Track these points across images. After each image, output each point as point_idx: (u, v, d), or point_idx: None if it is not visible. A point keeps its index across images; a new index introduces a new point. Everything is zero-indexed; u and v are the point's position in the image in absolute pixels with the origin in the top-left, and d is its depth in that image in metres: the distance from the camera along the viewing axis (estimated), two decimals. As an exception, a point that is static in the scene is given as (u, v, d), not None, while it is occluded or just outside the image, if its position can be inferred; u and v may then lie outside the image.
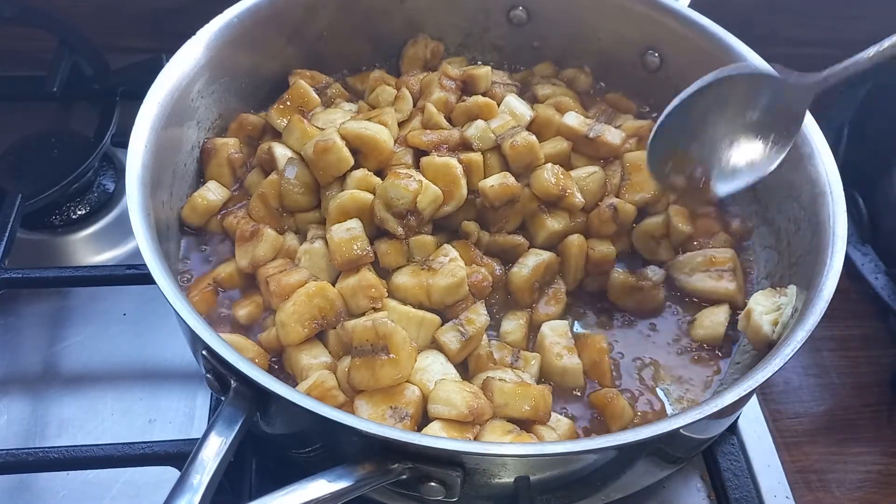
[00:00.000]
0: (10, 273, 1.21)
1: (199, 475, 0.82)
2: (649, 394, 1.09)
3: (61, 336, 1.28)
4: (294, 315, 1.02)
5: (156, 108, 1.11)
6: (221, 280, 1.12)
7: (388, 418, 0.96)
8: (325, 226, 1.10)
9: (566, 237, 1.16)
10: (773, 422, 1.28)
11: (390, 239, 1.10)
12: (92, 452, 1.04)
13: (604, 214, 1.17)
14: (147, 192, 1.04)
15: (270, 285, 1.05)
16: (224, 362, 0.88)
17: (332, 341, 1.04)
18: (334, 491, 0.83)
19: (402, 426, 0.95)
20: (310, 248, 1.09)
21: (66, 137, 1.46)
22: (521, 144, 1.15)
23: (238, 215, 1.16)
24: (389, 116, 1.20)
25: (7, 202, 1.29)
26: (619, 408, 1.03)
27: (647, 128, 1.29)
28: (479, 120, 1.19)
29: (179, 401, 1.22)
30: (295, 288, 1.04)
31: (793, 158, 1.16)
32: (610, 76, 1.39)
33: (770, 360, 0.94)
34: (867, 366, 1.40)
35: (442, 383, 0.98)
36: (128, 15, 1.62)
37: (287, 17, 1.29)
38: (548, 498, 0.99)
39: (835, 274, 1.01)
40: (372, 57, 1.39)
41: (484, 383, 1.01)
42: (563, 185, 1.15)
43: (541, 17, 1.39)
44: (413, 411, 0.97)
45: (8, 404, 1.20)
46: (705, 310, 1.15)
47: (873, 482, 1.27)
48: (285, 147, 1.18)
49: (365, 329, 0.97)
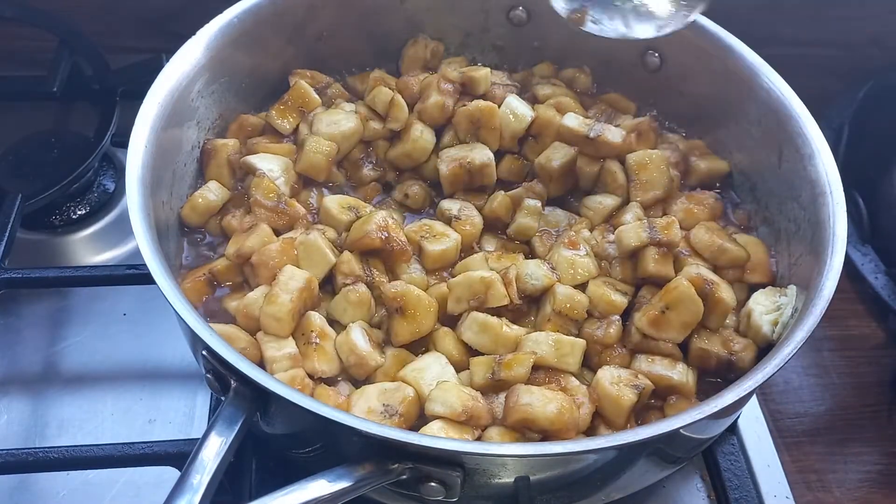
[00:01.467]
0: (10, 273, 1.21)
1: (199, 475, 0.82)
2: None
3: (61, 336, 1.28)
4: (290, 313, 1.02)
5: (156, 108, 1.11)
6: (217, 272, 1.12)
7: (378, 414, 0.96)
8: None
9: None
10: (773, 422, 1.28)
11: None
12: (92, 452, 1.04)
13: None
14: (147, 192, 1.04)
15: (253, 258, 1.06)
16: (224, 362, 0.88)
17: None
18: (334, 491, 0.83)
19: (390, 423, 0.95)
20: (305, 240, 1.09)
21: (66, 137, 1.46)
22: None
23: (237, 215, 1.16)
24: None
25: (7, 202, 1.29)
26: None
27: (645, 123, 1.29)
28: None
29: (179, 401, 1.22)
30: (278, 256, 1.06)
31: (793, 158, 1.17)
32: (610, 76, 1.39)
33: (770, 360, 0.94)
34: (867, 366, 1.40)
35: (442, 384, 0.98)
36: (128, 15, 1.62)
37: (287, 17, 1.29)
38: (548, 498, 0.99)
39: (835, 274, 1.01)
40: (372, 57, 1.39)
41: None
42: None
43: (541, 17, 1.38)
44: (404, 410, 0.97)
45: (8, 404, 1.20)
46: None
47: (873, 482, 1.27)
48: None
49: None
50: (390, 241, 1.10)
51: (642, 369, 1.05)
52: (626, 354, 1.08)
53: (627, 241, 1.12)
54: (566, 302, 1.08)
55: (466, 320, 1.06)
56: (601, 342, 1.07)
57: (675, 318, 1.05)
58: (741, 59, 1.24)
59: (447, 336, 1.07)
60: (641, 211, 1.20)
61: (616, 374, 1.02)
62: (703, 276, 1.08)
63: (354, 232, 1.12)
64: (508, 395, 0.99)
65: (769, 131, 1.21)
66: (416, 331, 1.06)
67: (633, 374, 1.03)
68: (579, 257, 1.13)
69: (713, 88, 1.29)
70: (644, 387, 1.01)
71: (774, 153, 1.20)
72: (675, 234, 1.12)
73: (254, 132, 1.27)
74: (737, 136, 1.28)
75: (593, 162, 1.25)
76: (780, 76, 1.22)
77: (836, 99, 1.61)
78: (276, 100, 1.27)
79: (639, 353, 1.07)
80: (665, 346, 1.07)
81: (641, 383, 1.01)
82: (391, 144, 1.28)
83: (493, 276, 1.07)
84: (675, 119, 1.36)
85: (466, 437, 0.95)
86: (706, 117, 1.32)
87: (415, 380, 1.00)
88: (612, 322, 1.08)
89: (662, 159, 1.23)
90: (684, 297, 1.05)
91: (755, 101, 1.23)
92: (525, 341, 1.04)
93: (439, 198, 1.25)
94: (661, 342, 1.07)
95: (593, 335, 1.07)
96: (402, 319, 1.05)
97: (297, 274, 1.04)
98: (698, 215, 1.21)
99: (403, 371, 1.02)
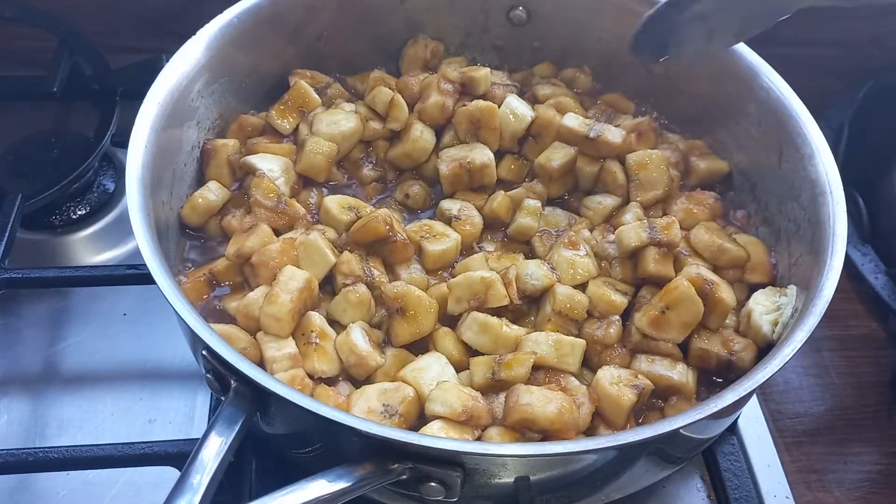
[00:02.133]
0: (10, 273, 1.21)
1: (199, 475, 0.82)
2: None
3: (61, 336, 1.28)
4: (290, 313, 1.02)
5: (156, 108, 1.11)
6: (217, 272, 1.12)
7: (378, 414, 0.96)
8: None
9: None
10: (773, 422, 1.28)
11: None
12: (92, 452, 1.04)
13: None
14: (147, 192, 1.04)
15: (253, 258, 1.07)
16: (224, 362, 0.88)
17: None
18: (334, 491, 0.83)
19: (390, 423, 0.95)
20: (305, 240, 1.09)
21: (66, 137, 1.46)
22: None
23: (237, 215, 1.16)
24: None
25: (7, 202, 1.29)
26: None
27: (645, 123, 1.29)
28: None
29: (179, 401, 1.22)
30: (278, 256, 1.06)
31: (793, 158, 1.17)
32: (610, 76, 1.39)
33: (770, 360, 0.94)
34: (867, 366, 1.40)
35: (442, 384, 0.98)
36: (128, 15, 1.62)
37: (287, 17, 1.29)
38: (548, 498, 0.99)
39: (835, 274, 1.01)
40: (372, 57, 1.39)
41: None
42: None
43: (541, 17, 1.39)
44: (404, 410, 0.97)
45: (8, 404, 1.20)
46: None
47: (873, 482, 1.27)
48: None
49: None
50: (393, 230, 1.11)
51: (642, 369, 1.05)
52: (626, 354, 1.08)
53: (627, 241, 1.12)
54: (566, 302, 1.08)
55: (466, 320, 1.06)
56: (601, 342, 1.07)
57: (676, 318, 1.05)
58: (741, 58, 1.24)
59: (447, 336, 1.07)
60: (641, 211, 1.20)
61: (616, 375, 1.02)
62: (703, 277, 1.08)
63: (358, 223, 1.12)
64: (508, 395, 0.99)
65: (769, 131, 1.21)
66: (416, 331, 1.06)
67: (633, 374, 1.03)
68: (579, 257, 1.13)
69: (713, 88, 1.29)
70: (644, 387, 1.01)
71: (774, 153, 1.20)
72: (676, 234, 1.12)
73: (254, 132, 1.27)
74: (737, 136, 1.28)
75: (593, 162, 1.25)
76: (780, 76, 1.22)
77: (836, 99, 1.61)
78: (275, 100, 1.27)
79: (639, 353, 1.07)
80: (665, 347, 1.07)
81: (641, 383, 1.01)
82: (391, 144, 1.28)
83: (494, 277, 1.07)
84: (675, 119, 1.36)
85: (466, 437, 0.95)
86: (706, 117, 1.31)
87: (414, 380, 1.00)
88: (613, 322, 1.08)
89: (662, 159, 1.23)
90: (684, 298, 1.05)
91: (755, 100, 1.23)
92: (525, 341, 1.04)
93: (439, 198, 1.25)
94: (661, 342, 1.07)
95: (593, 335, 1.07)
96: (402, 320, 1.05)
97: (297, 274, 1.04)
98: (698, 215, 1.21)
99: (403, 371, 1.02)
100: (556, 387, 1.01)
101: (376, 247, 1.12)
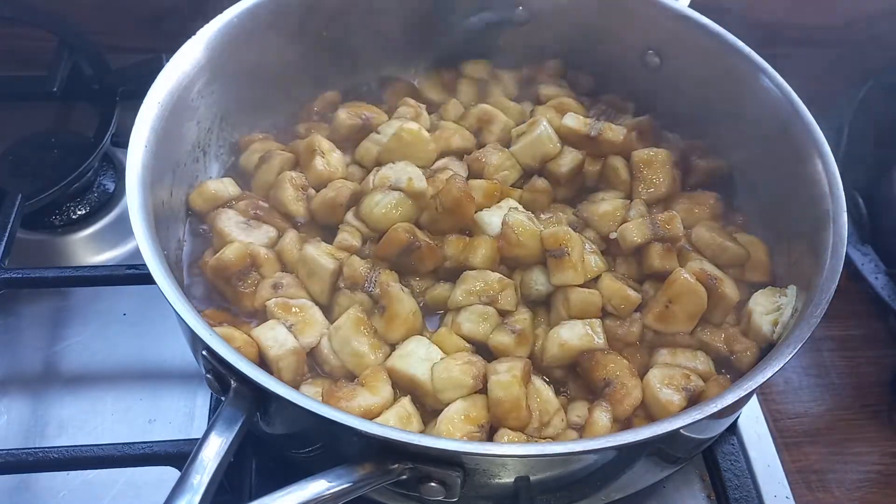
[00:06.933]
0: (10, 273, 1.21)
1: (199, 475, 0.82)
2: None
3: (61, 336, 1.28)
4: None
5: (156, 108, 1.11)
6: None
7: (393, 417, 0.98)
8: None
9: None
10: (773, 422, 1.29)
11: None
12: (92, 452, 1.04)
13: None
14: (147, 192, 1.04)
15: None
16: (224, 362, 0.88)
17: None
18: (334, 491, 0.83)
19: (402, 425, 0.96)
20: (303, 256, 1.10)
21: (66, 137, 1.46)
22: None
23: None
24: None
25: (7, 202, 1.29)
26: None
27: (646, 122, 1.29)
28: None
29: (179, 401, 1.22)
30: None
31: (793, 158, 1.17)
32: (610, 76, 1.39)
33: (770, 360, 0.94)
34: (867, 366, 1.40)
35: (437, 366, 1.00)
36: (128, 15, 1.62)
37: (287, 17, 1.29)
38: (548, 498, 0.99)
39: (835, 274, 1.01)
40: (372, 57, 1.39)
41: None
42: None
43: (542, 18, 1.39)
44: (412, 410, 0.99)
45: (8, 404, 1.20)
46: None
47: (873, 482, 1.27)
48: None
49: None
50: (416, 237, 1.10)
51: (668, 362, 1.06)
52: (644, 352, 1.09)
53: (631, 237, 1.12)
54: (580, 304, 1.08)
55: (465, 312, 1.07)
56: (623, 340, 1.09)
57: (680, 310, 1.06)
58: (741, 58, 1.24)
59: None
60: (645, 208, 1.20)
61: (667, 375, 1.03)
62: (706, 271, 1.09)
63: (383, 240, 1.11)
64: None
65: (769, 131, 1.21)
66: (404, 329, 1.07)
67: (685, 374, 1.03)
68: (587, 254, 1.13)
69: (713, 88, 1.29)
70: (694, 388, 1.01)
71: (774, 153, 1.20)
72: (677, 227, 1.12)
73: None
74: (737, 136, 1.28)
75: (595, 160, 1.26)
76: (780, 76, 1.22)
77: (836, 99, 1.61)
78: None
79: (659, 348, 1.08)
80: (682, 339, 1.08)
81: (692, 385, 1.02)
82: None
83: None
84: (675, 119, 1.36)
85: (483, 424, 0.97)
86: (706, 117, 1.31)
87: (403, 366, 1.01)
88: (635, 320, 1.09)
89: (667, 157, 1.23)
90: (685, 289, 1.06)
91: (755, 100, 1.23)
92: (551, 335, 1.08)
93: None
94: (676, 336, 1.08)
95: (615, 332, 1.09)
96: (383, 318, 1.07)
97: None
98: (699, 215, 1.22)
99: (390, 361, 1.03)
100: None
101: (403, 259, 1.12)
